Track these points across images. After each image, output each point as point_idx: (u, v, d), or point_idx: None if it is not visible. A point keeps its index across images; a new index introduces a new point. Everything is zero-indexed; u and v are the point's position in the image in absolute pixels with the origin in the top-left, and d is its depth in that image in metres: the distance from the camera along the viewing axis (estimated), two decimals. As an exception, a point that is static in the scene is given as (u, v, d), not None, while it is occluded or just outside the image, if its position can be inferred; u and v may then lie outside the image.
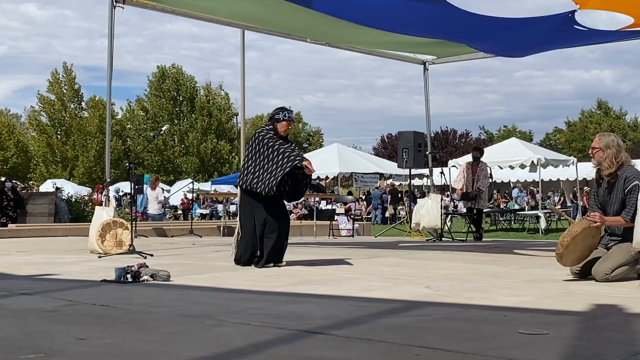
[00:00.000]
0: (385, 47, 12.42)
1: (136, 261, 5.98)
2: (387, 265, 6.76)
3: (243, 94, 14.85)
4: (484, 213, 13.14)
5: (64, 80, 43.51)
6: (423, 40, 10.46)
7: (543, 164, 19.55)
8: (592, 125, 53.16)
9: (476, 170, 11.99)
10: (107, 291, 4.86)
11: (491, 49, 11.14)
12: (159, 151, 43.86)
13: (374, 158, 31.93)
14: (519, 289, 4.96)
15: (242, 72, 14.55)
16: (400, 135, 13.31)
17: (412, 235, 12.53)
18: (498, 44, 10.39)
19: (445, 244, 10.87)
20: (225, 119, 46.56)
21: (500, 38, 9.79)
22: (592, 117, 55.34)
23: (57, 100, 43.17)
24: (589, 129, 52.55)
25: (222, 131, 46.05)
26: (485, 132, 62.19)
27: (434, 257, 7.80)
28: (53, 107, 43.09)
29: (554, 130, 62.31)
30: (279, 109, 6.52)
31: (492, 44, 10.44)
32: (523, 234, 18.51)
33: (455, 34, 9.77)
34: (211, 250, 8.90)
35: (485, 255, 8.35)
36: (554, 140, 59.86)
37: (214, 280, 5.51)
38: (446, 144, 48.96)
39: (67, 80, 43.49)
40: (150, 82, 46.00)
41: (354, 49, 12.78)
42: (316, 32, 11.01)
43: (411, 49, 12.33)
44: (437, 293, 4.72)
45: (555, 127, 62.64)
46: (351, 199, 16.54)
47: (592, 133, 47.25)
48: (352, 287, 5.03)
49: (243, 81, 14.51)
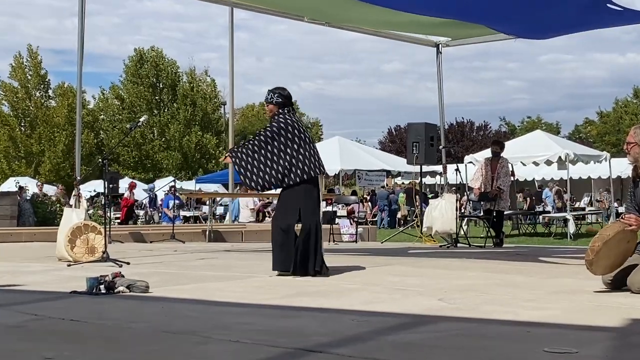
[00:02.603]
0: (393, 28, 12.41)
1: (110, 270, 5.98)
2: (395, 274, 6.76)
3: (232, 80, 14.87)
4: (504, 215, 13.14)
5: (28, 65, 43.46)
6: (436, 21, 10.47)
7: (572, 160, 19.57)
8: (627, 117, 53.13)
9: (496, 167, 11.99)
10: (77, 304, 4.86)
11: (513, 30, 11.15)
12: (136, 145, 43.86)
13: (380, 153, 31.95)
14: (544, 301, 4.97)
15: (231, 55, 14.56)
16: (409, 128, 13.32)
17: (424, 241, 12.53)
18: (521, 24, 10.40)
19: (460, 250, 10.87)
20: (211, 109, 46.55)
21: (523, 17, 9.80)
22: (627, 106, 55.31)
23: (21, 88, 43.13)
24: (624, 121, 52.54)
25: (207, 123, 46.04)
26: (506, 123, 62.27)
27: (448, 266, 7.80)
28: (16, 96, 43.04)
29: (584, 122, 62.33)
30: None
31: (514, 24, 10.45)
32: (549, 239, 18.51)
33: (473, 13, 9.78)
34: (195, 257, 8.89)
35: (507, 263, 8.35)
36: (585, 133, 59.90)
37: (199, 291, 5.51)
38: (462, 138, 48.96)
39: (32, 65, 43.45)
40: (126, 67, 45.97)
41: (357, 30, 12.78)
42: (315, 11, 11.02)
43: (422, 30, 12.33)
44: (451, 306, 4.72)
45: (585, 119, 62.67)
46: (354, 200, 16.56)
47: (627, 125, 47.22)
48: (354, 300, 5.03)
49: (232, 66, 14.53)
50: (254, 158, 6.47)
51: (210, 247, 11.29)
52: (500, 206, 11.98)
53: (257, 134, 6.57)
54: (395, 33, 12.88)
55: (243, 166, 6.46)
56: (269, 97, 6.71)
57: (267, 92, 6.74)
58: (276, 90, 6.72)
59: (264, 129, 6.63)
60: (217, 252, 10.05)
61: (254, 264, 8.04)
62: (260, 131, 6.63)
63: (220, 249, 10.85)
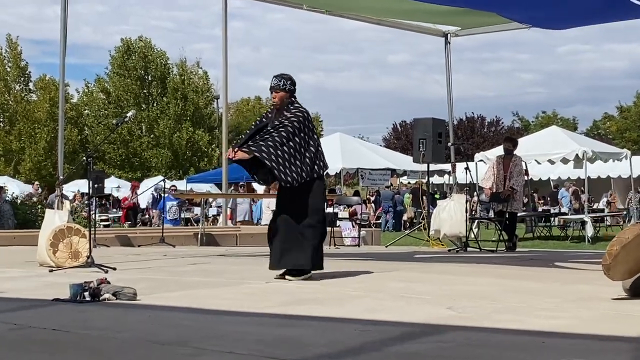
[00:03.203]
0: (398, 16, 12.42)
1: (95, 276, 5.98)
2: (400, 280, 6.76)
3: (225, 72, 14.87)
4: (518, 217, 13.14)
5: (7, 56, 43.50)
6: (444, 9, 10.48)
7: (590, 158, 19.56)
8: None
9: (508, 165, 11.99)
10: (60, 312, 4.86)
11: (527, 19, 11.14)
12: (123, 142, 43.87)
13: (384, 151, 31.92)
14: (560, 309, 4.97)
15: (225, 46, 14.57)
16: (416, 123, 13.32)
17: (431, 245, 12.54)
18: (535, 12, 10.40)
19: (470, 255, 10.88)
20: (203, 103, 46.57)
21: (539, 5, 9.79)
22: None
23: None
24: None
25: (199, 118, 46.06)
26: (519, 119, 62.23)
27: (457, 271, 7.80)
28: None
29: (603, 117, 62.35)
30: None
31: (528, 12, 10.44)
32: (565, 242, 18.52)
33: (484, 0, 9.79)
34: (186, 262, 8.90)
35: (520, 268, 8.35)
36: (604, 129, 59.90)
37: (190, 299, 5.51)
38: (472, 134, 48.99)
39: (12, 57, 43.48)
40: (112, 58, 45.99)
41: (360, 18, 12.77)
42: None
43: (430, 19, 12.33)
44: (460, 315, 4.73)
45: (604, 114, 62.67)
46: (357, 201, 16.56)
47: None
48: (357, 308, 5.03)
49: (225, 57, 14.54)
50: (284, 152, 6.50)
51: (202, 252, 11.29)
52: (513, 207, 11.98)
53: (280, 126, 6.55)
54: (400, 22, 12.87)
55: (275, 160, 6.45)
56: (281, 84, 6.72)
57: (275, 78, 6.76)
58: (285, 76, 6.76)
59: (286, 119, 6.61)
60: (210, 256, 10.04)
61: (250, 269, 8.04)
62: (281, 123, 6.60)
63: (213, 253, 10.85)
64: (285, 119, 6.62)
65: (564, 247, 16.62)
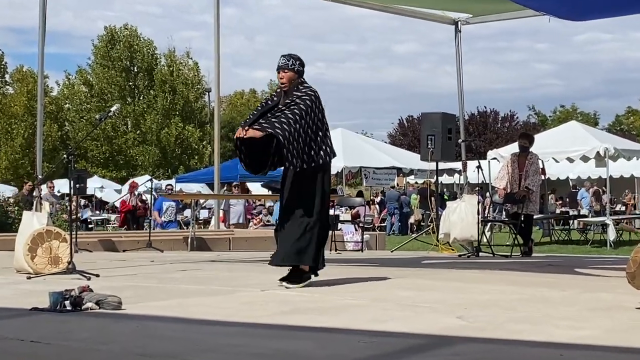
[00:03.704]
0: (406, 2, 12.42)
1: (77, 283, 5.98)
2: (407, 288, 6.77)
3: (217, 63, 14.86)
4: (534, 220, 13.15)
5: (-19, 45, 43.52)
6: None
7: (612, 156, 19.57)
8: (676, 105, 53.20)
9: (524, 163, 11.99)
10: (39, 323, 4.86)
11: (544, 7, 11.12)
12: (107, 139, 43.92)
13: (389, 148, 31.97)
14: (580, 319, 4.97)
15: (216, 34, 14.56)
16: (424, 118, 13.31)
17: (440, 250, 12.54)
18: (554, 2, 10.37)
19: (483, 260, 10.88)
20: (194, 96, 46.61)
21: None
22: (676, 94, 55.37)
23: (-27, 72, 43.23)
24: (672, 110, 52.60)
25: (189, 113, 46.09)
26: (536, 113, 62.28)
27: (469, 278, 7.80)
28: (-33, 82, 43.15)
29: (626, 112, 62.38)
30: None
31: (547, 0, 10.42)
32: (586, 247, 18.53)
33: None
34: (175, 269, 8.90)
35: (536, 275, 8.35)
36: (627, 124, 59.93)
37: (180, 308, 5.51)
38: (485, 130, 49.02)
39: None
40: (95, 48, 46.04)
41: (364, 5, 12.77)
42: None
43: (439, 5, 12.34)
44: (472, 325, 4.73)
45: (628, 108, 62.71)
46: (360, 202, 16.56)
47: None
48: (360, 318, 5.03)
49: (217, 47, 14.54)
50: (297, 130, 6.52)
51: (192, 257, 11.29)
52: (529, 209, 11.98)
53: (292, 104, 6.60)
54: (407, 9, 12.87)
55: (288, 139, 6.45)
56: (289, 64, 6.76)
57: (283, 57, 6.80)
58: (294, 56, 6.82)
59: (297, 98, 6.64)
60: (201, 262, 10.04)
61: (244, 276, 8.04)
62: (292, 101, 6.63)
63: (204, 258, 10.86)
64: (297, 97, 6.66)
65: (583, 252, 16.62)
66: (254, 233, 17.00)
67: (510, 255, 11.69)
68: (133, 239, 14.00)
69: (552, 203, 27.62)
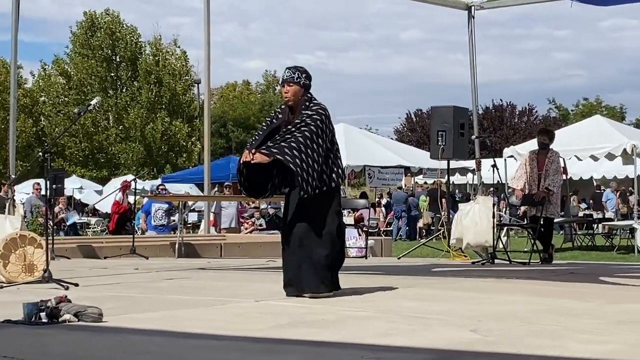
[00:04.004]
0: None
1: (54, 293, 5.98)
2: (415, 299, 6.77)
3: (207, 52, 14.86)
4: (554, 224, 13.15)
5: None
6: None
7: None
8: None
9: (544, 162, 12.00)
10: (12, 336, 4.86)
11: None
12: (86, 135, 43.89)
13: (396, 145, 31.98)
14: (605, 333, 4.97)
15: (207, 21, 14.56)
16: (434, 112, 13.31)
17: (452, 256, 12.55)
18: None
19: (498, 268, 10.89)
20: (181, 88, 46.60)
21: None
22: None
23: (-60, 62, 43.21)
24: None
25: (177, 106, 46.08)
26: (556, 107, 62.28)
27: (483, 288, 7.81)
28: None
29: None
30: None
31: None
32: (611, 254, 18.52)
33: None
34: (161, 277, 8.91)
35: (557, 284, 8.36)
36: (657, 118, 59.93)
37: (166, 320, 5.51)
38: (500, 125, 49.02)
39: (-46, 33, 43.47)
40: (74, 35, 46.01)
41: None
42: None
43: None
44: (486, 339, 4.73)
45: (657, 101, 62.74)
46: (364, 204, 16.52)
47: None
48: (364, 331, 5.04)
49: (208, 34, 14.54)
50: (308, 155, 6.58)
51: (180, 264, 11.30)
52: (549, 212, 11.98)
53: (302, 125, 6.63)
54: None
55: (299, 165, 6.52)
56: (295, 77, 6.80)
57: (288, 69, 6.86)
58: (300, 69, 6.86)
59: (308, 118, 6.67)
60: (190, 270, 10.06)
61: (237, 285, 8.05)
62: (303, 121, 6.66)
63: (193, 266, 10.86)
64: (307, 117, 6.68)
65: (609, 259, 16.61)
66: (248, 238, 17.00)
67: (529, 263, 11.70)
68: (115, 245, 14.00)
69: (575, 205, 27.61)
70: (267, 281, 7.76)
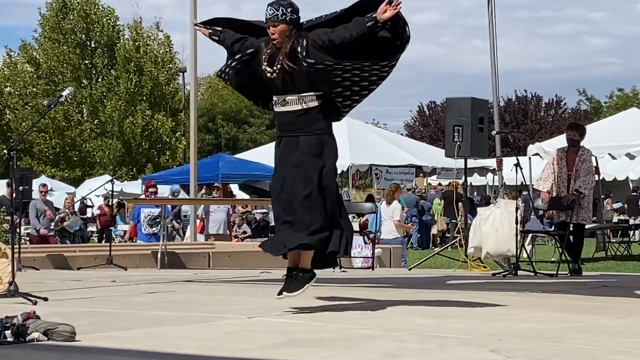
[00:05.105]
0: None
1: (21, 309, 5.97)
2: (428, 315, 6.77)
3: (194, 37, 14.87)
4: (586, 231, 13.15)
5: None
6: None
7: (682, 151, 19.60)
8: None
9: (574, 161, 12.00)
10: (-27, 357, 4.86)
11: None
12: (57, 130, 43.90)
13: (406, 142, 32.02)
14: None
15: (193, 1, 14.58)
16: (449, 105, 13.33)
17: (470, 267, 12.55)
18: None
19: (522, 280, 10.89)
20: (165, 78, 46.59)
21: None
22: None
23: None
24: None
25: (159, 98, 46.09)
26: (588, 99, 62.35)
27: (505, 302, 7.80)
28: None
29: (699, 97, 62.44)
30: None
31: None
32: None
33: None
34: (142, 291, 8.90)
35: (588, 299, 8.35)
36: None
37: (147, 339, 5.51)
38: (525, 119, 49.08)
39: None
40: (43, 18, 46.02)
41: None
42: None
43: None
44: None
45: (701, 92, 62.77)
46: (370, 208, 16.54)
47: None
48: (371, 351, 5.04)
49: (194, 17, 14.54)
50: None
51: (163, 276, 11.30)
52: (580, 217, 11.98)
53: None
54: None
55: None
56: (280, 13, 6.66)
57: (270, 6, 6.71)
58: (284, 3, 6.68)
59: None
60: (174, 283, 10.06)
61: (227, 300, 8.04)
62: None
63: (177, 278, 10.87)
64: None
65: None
66: (239, 247, 17.00)
67: (556, 275, 11.71)
68: (90, 254, 14.03)
69: (608, 210, 27.64)
70: (262, 296, 7.76)
